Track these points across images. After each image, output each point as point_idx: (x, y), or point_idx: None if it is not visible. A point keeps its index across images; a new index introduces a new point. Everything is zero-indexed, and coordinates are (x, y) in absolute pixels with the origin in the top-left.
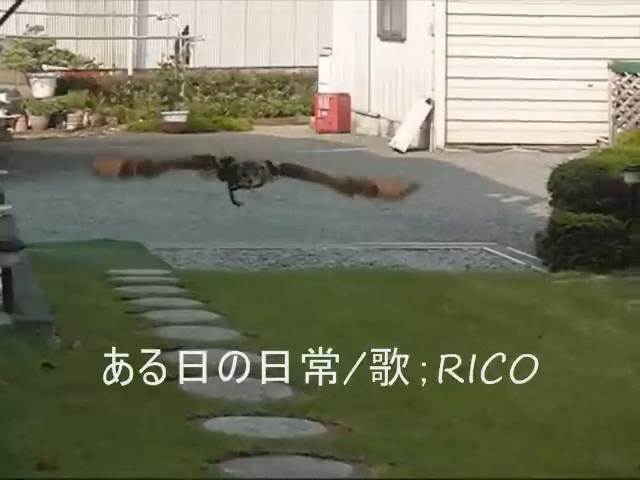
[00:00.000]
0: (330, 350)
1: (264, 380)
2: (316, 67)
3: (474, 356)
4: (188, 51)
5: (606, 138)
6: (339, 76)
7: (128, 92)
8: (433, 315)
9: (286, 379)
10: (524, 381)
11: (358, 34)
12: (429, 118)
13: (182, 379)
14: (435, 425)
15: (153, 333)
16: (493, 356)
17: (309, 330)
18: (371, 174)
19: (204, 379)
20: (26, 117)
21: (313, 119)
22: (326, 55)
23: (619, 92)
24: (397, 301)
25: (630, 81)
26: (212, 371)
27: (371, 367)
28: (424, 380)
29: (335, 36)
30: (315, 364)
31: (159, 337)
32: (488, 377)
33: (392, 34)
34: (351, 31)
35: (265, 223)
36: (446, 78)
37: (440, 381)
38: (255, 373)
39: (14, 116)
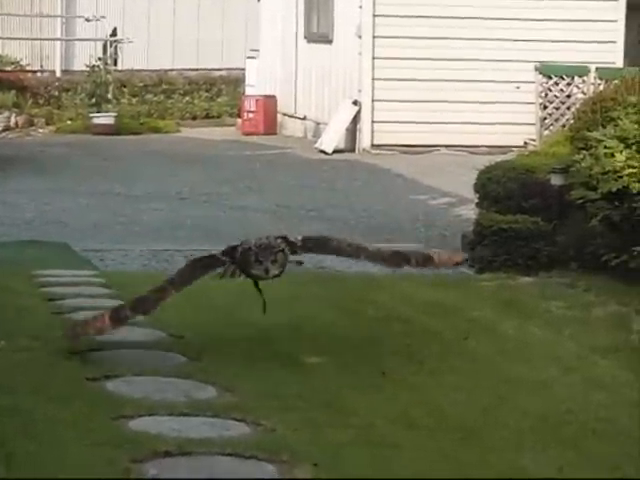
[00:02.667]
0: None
1: (188, 380)
2: (243, 69)
3: (399, 358)
4: (116, 53)
5: (533, 140)
6: (266, 78)
7: (56, 93)
8: (358, 317)
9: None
10: (449, 382)
11: (285, 36)
12: (355, 120)
13: (107, 379)
14: (359, 426)
15: None
16: (418, 358)
17: (233, 331)
18: (299, 176)
19: (129, 379)
20: None
21: (240, 121)
22: (253, 57)
23: (546, 94)
24: (322, 303)
25: (557, 84)
26: (137, 371)
27: (296, 368)
28: (348, 382)
29: (262, 38)
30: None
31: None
32: (413, 379)
33: (319, 36)
34: (278, 33)
35: (191, 224)
36: (373, 79)
37: (364, 383)
38: (179, 374)
39: None
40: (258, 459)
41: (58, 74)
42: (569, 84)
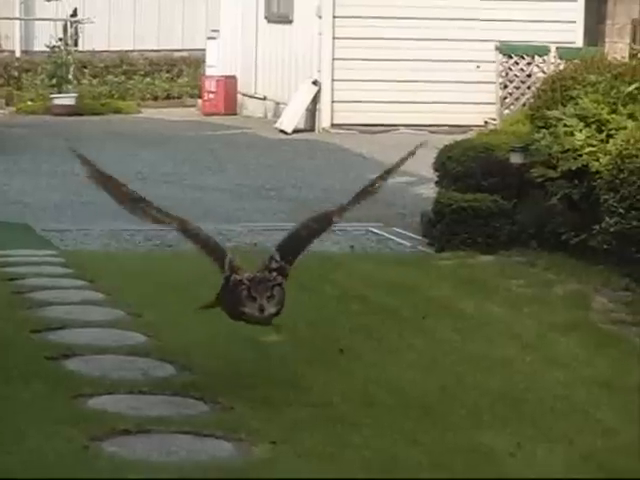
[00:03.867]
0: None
1: (147, 359)
2: (204, 50)
3: (357, 336)
4: (77, 34)
5: (494, 119)
6: (226, 58)
7: (16, 74)
8: (316, 295)
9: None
10: (407, 361)
11: (246, 16)
12: (315, 99)
13: (66, 359)
14: (316, 404)
15: (38, 313)
16: (376, 336)
17: (192, 310)
18: (259, 155)
19: (88, 358)
20: None
21: (200, 101)
22: (214, 38)
23: (506, 74)
24: None
25: (517, 63)
26: (96, 350)
27: (253, 346)
28: (306, 359)
29: (223, 19)
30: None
31: (44, 317)
32: (371, 357)
33: (279, 16)
34: (239, 14)
35: None
36: (333, 60)
37: (322, 360)
38: (138, 352)
39: None
40: (216, 437)
41: (18, 54)
42: (529, 63)
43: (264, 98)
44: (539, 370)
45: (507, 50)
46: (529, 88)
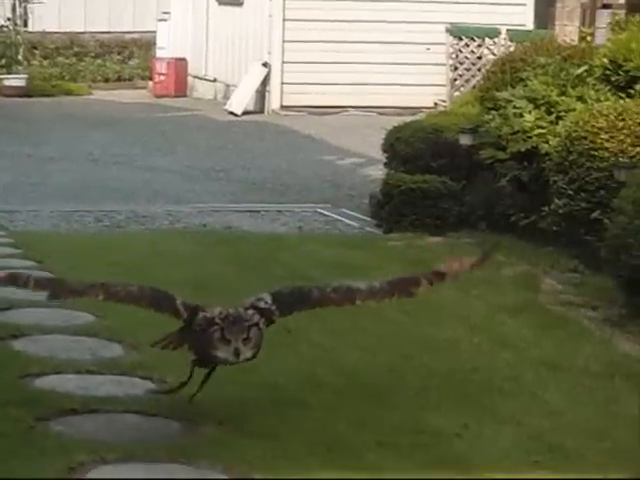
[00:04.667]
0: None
1: (95, 339)
2: (155, 32)
3: (304, 316)
4: (26, 14)
5: (443, 101)
6: (177, 40)
7: None
8: (264, 276)
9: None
10: (354, 342)
11: None
12: (265, 81)
13: (14, 338)
14: (264, 384)
15: None
16: (323, 317)
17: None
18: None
19: (36, 338)
20: None
21: (151, 83)
22: (165, 20)
23: (457, 56)
24: (229, 262)
25: (467, 45)
26: (44, 330)
27: None
28: None
29: (174, 1)
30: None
31: None
32: (318, 337)
33: None
34: None
35: (101, 185)
36: (283, 41)
37: (269, 341)
38: (86, 332)
39: None
40: (164, 416)
41: None
42: (480, 46)
43: (214, 80)
44: (487, 351)
45: (457, 32)
46: (479, 70)
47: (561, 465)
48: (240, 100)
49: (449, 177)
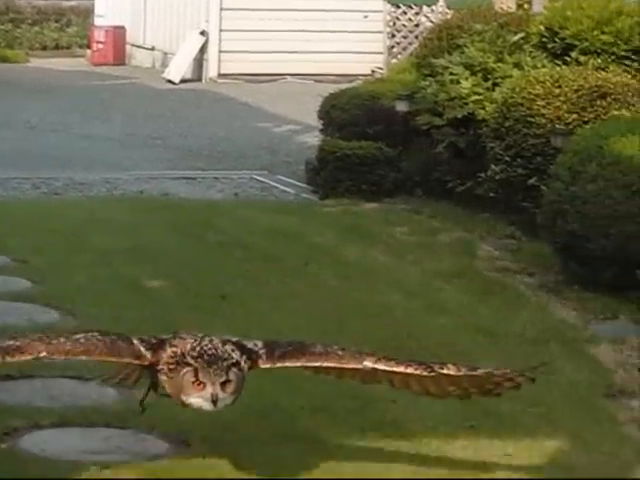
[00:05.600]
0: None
1: (32, 304)
2: (93, 0)
3: (239, 282)
4: None
5: (381, 69)
6: (115, 9)
7: None
8: (200, 242)
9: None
10: (289, 307)
11: None
12: (203, 49)
13: None
14: None
15: None
16: (258, 282)
17: (77, 257)
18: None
19: None
20: None
21: (89, 52)
22: None
23: (394, 23)
24: (165, 228)
25: (405, 13)
26: None
27: (137, 291)
28: (188, 305)
29: None
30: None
31: None
32: (253, 303)
33: None
34: None
35: (39, 153)
36: (220, 9)
37: (204, 306)
38: (23, 298)
39: None
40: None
41: None
42: (417, 13)
43: (152, 48)
44: (422, 317)
45: (395, 0)
46: (417, 38)
47: (496, 430)
48: (178, 68)
49: (385, 143)
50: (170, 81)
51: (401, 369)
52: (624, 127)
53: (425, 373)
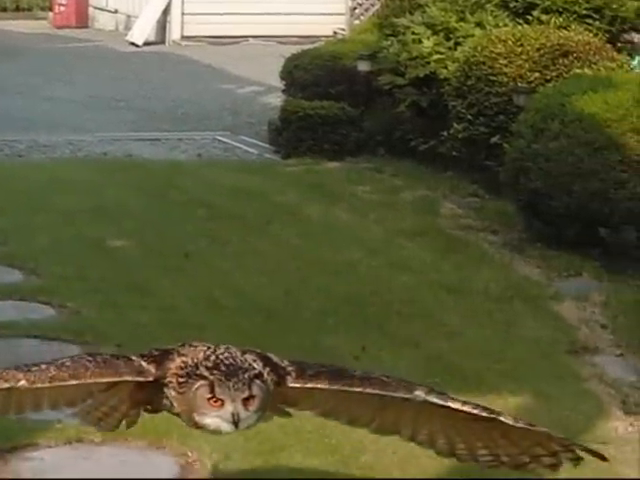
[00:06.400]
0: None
1: None
2: None
3: (202, 241)
4: None
5: (343, 30)
6: None
7: None
8: (163, 202)
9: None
10: (251, 265)
11: None
12: (166, 12)
13: None
14: (162, 308)
15: None
16: (221, 241)
17: (41, 217)
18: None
19: None
20: None
21: (51, 14)
22: None
23: None
24: (128, 189)
25: None
26: None
27: (101, 251)
28: (152, 264)
29: None
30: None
31: None
32: (216, 262)
33: None
34: None
35: (2, 115)
36: None
37: (167, 265)
38: None
39: None
40: (63, 340)
41: None
42: None
43: (115, 11)
44: (385, 274)
45: None
46: None
47: (459, 386)
48: (141, 31)
49: (347, 103)
50: (133, 44)
51: (457, 406)
52: (586, 85)
53: (485, 414)
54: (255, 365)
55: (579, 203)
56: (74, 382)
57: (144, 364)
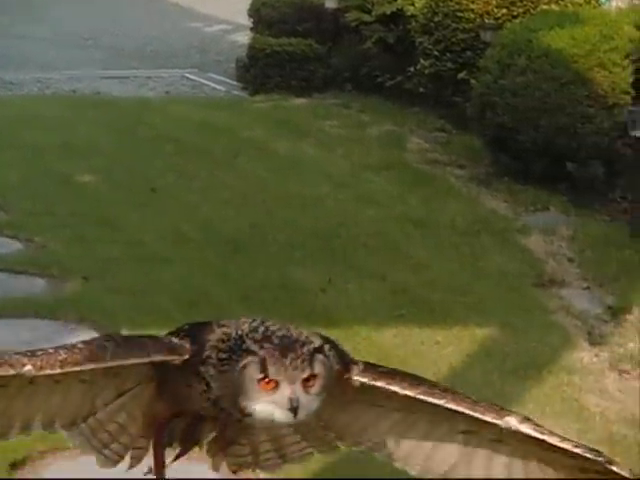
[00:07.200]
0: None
1: None
2: None
3: (169, 175)
4: None
5: None
6: None
7: None
8: (131, 138)
9: None
10: (219, 199)
11: None
12: None
13: None
14: (128, 242)
15: None
16: (189, 175)
17: (9, 153)
18: (77, 5)
19: None
20: None
21: None
22: None
23: None
24: (97, 125)
25: None
26: None
27: (69, 186)
28: (119, 199)
29: None
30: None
31: None
32: (183, 196)
33: None
34: None
35: None
36: None
37: (135, 200)
38: None
39: None
40: (30, 274)
41: None
42: None
43: None
44: (352, 208)
45: None
46: None
47: (426, 318)
48: None
49: (315, 40)
50: None
51: (553, 440)
52: (553, 21)
53: (589, 455)
54: (313, 339)
55: (546, 138)
56: (91, 366)
57: (177, 341)
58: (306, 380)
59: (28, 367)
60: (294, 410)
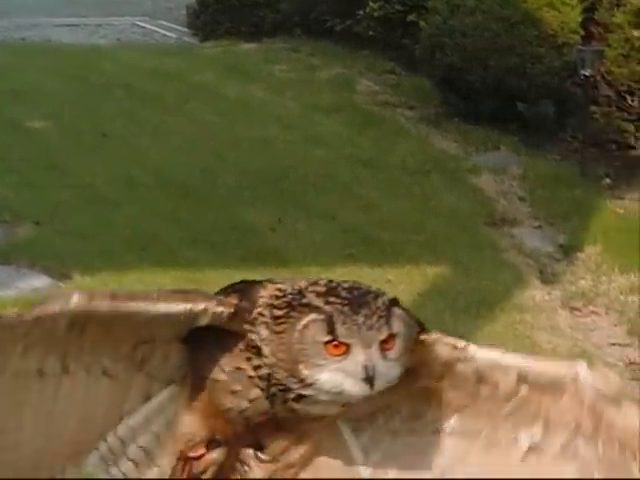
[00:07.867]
0: None
1: None
2: None
3: (120, 120)
4: None
5: None
6: None
7: None
8: (81, 84)
9: None
10: (169, 143)
11: None
12: None
13: None
14: (79, 186)
15: None
16: (139, 120)
17: None
18: None
19: None
20: None
21: None
22: None
23: None
24: (47, 72)
25: None
26: None
27: (19, 132)
28: (70, 144)
29: None
30: None
31: None
32: (133, 140)
33: None
34: None
35: None
36: None
37: (85, 145)
38: None
39: None
40: None
41: None
42: None
43: None
44: (301, 149)
45: None
46: None
47: (377, 257)
48: None
49: None
50: None
51: None
52: None
53: None
54: (386, 298)
55: (496, 78)
56: (140, 305)
57: (222, 297)
58: (384, 342)
59: (76, 297)
60: (370, 380)
